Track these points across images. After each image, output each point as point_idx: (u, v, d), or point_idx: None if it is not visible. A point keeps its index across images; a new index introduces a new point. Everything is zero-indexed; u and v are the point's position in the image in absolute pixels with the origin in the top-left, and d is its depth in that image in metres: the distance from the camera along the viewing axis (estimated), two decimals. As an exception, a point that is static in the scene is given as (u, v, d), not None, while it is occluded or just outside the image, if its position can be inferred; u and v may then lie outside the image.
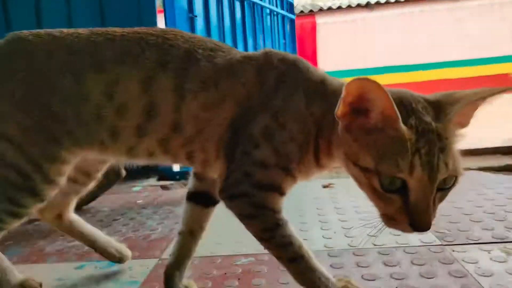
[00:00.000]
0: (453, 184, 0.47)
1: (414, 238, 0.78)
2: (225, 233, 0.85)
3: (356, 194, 1.17)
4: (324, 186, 1.23)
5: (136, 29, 0.60)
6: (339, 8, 7.89)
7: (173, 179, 1.51)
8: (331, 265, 0.70)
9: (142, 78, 0.55)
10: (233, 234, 0.88)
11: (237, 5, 2.12)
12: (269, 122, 0.53)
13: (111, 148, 0.59)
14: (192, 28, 1.64)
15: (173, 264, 0.63)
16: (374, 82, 0.43)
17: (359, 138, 0.48)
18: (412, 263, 0.69)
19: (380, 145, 0.46)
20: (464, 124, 0.49)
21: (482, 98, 0.47)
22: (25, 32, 0.59)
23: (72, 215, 0.73)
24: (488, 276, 0.62)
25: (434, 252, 0.72)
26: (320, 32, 8.27)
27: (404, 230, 0.47)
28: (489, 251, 0.71)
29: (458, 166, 0.46)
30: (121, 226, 0.99)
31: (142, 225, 0.98)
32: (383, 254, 0.73)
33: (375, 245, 0.77)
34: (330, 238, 0.83)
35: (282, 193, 0.55)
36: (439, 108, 0.48)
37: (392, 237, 0.78)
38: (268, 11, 2.57)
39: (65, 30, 0.60)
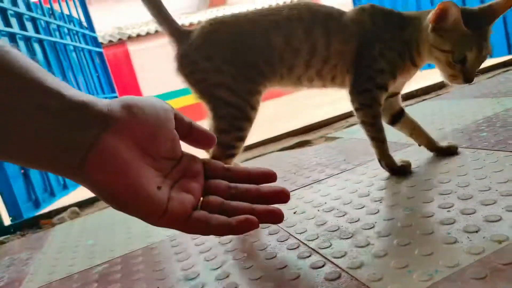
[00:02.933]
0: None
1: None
2: (80, 250, 0.94)
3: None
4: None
5: (290, 4, 0.93)
6: (148, 34, 8.08)
7: (6, 234, 1.43)
8: (172, 246, 0.88)
9: (305, 29, 0.88)
10: (86, 250, 0.97)
11: (37, 47, 2.09)
12: (383, 46, 0.89)
13: (286, 79, 0.92)
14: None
15: (420, 141, 1.03)
16: (452, 4, 0.77)
17: (442, 34, 0.83)
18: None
19: (454, 37, 0.81)
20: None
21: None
22: (217, 17, 0.91)
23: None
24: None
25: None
26: (135, 59, 8.29)
27: (459, 82, 0.84)
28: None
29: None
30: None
31: (-16, 281, 0.96)
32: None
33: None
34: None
35: (387, 90, 0.91)
36: (487, 14, 0.82)
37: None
38: (72, 47, 2.56)
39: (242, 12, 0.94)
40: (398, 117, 1.01)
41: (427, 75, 3.37)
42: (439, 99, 1.91)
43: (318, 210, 0.86)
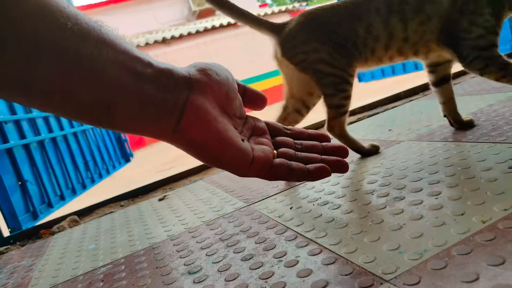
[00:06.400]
0: None
1: (229, 207, 1.06)
2: (83, 254, 0.96)
3: (186, 198, 1.40)
4: (160, 199, 1.42)
5: None
6: (138, 46, 8.13)
7: (6, 245, 1.44)
8: (173, 245, 0.91)
9: (382, 20, 1.01)
10: (88, 253, 0.99)
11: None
12: (471, 17, 0.96)
13: (370, 61, 1.07)
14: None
15: (448, 111, 1.19)
16: None
17: None
18: (228, 222, 0.96)
19: None
20: None
21: None
22: (310, 8, 1.11)
23: None
24: (272, 212, 0.94)
25: (243, 211, 1.01)
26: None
27: None
28: (274, 198, 1.04)
29: None
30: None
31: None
32: (208, 225, 0.98)
33: (203, 221, 1.01)
34: (170, 230, 1.03)
35: (497, 46, 0.96)
36: None
37: (214, 213, 1.05)
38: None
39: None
40: (443, 81, 1.14)
41: (413, 79, 3.45)
42: (425, 99, 1.97)
43: (314, 205, 0.89)
